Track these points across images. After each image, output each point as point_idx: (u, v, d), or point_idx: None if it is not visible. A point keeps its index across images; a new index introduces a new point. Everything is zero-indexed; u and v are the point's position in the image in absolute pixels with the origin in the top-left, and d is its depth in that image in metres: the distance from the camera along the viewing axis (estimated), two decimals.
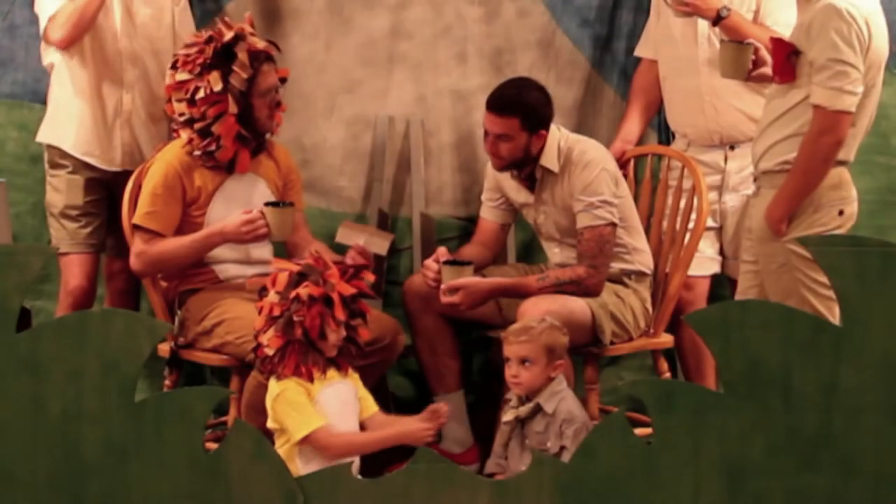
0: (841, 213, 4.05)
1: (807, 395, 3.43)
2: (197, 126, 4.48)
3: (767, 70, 4.13)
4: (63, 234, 4.77)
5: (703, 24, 4.68)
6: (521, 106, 4.50)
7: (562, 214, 4.60)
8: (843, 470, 3.43)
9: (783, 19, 4.52)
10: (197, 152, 4.51)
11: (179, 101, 4.49)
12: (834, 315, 3.83)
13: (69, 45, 4.66)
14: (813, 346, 3.43)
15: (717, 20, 4.50)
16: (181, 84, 4.48)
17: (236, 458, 3.51)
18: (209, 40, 4.47)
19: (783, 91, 4.05)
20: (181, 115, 4.50)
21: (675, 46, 4.76)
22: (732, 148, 4.81)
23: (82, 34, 4.66)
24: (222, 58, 4.46)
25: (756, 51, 4.13)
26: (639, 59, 5.02)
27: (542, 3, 5.10)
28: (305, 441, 3.89)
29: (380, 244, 4.67)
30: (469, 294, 4.42)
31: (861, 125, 4.04)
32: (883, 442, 3.43)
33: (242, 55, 4.45)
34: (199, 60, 4.46)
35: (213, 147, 4.49)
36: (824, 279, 3.77)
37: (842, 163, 4.04)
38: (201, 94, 4.44)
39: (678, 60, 4.79)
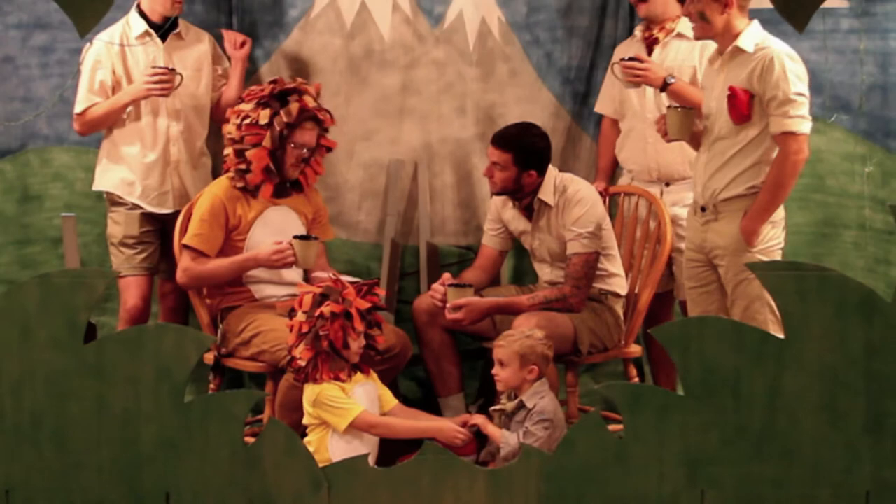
0: (783, 228, 4.21)
1: (754, 397, 3.46)
2: (236, 147, 4.57)
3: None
4: (121, 260, 4.82)
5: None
6: (517, 145, 4.55)
7: (554, 241, 4.65)
8: (785, 460, 3.48)
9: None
10: (232, 173, 4.58)
11: (233, 123, 4.61)
12: None
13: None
14: (759, 355, 3.47)
15: (664, 87, 4.53)
16: (240, 111, 4.60)
17: (270, 451, 3.54)
18: (273, 81, 4.60)
19: (732, 132, 4.15)
20: (228, 133, 4.60)
21: (629, 97, 4.84)
22: (668, 185, 4.87)
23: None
24: (277, 100, 4.55)
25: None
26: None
27: (529, 64, 5.16)
28: (351, 426, 3.92)
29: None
30: (470, 311, 4.48)
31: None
32: (819, 436, 3.48)
33: (293, 105, 4.55)
34: (260, 96, 4.57)
35: (243, 167, 4.56)
36: None
37: None
38: (248, 121, 4.55)
39: (632, 108, 4.86)
